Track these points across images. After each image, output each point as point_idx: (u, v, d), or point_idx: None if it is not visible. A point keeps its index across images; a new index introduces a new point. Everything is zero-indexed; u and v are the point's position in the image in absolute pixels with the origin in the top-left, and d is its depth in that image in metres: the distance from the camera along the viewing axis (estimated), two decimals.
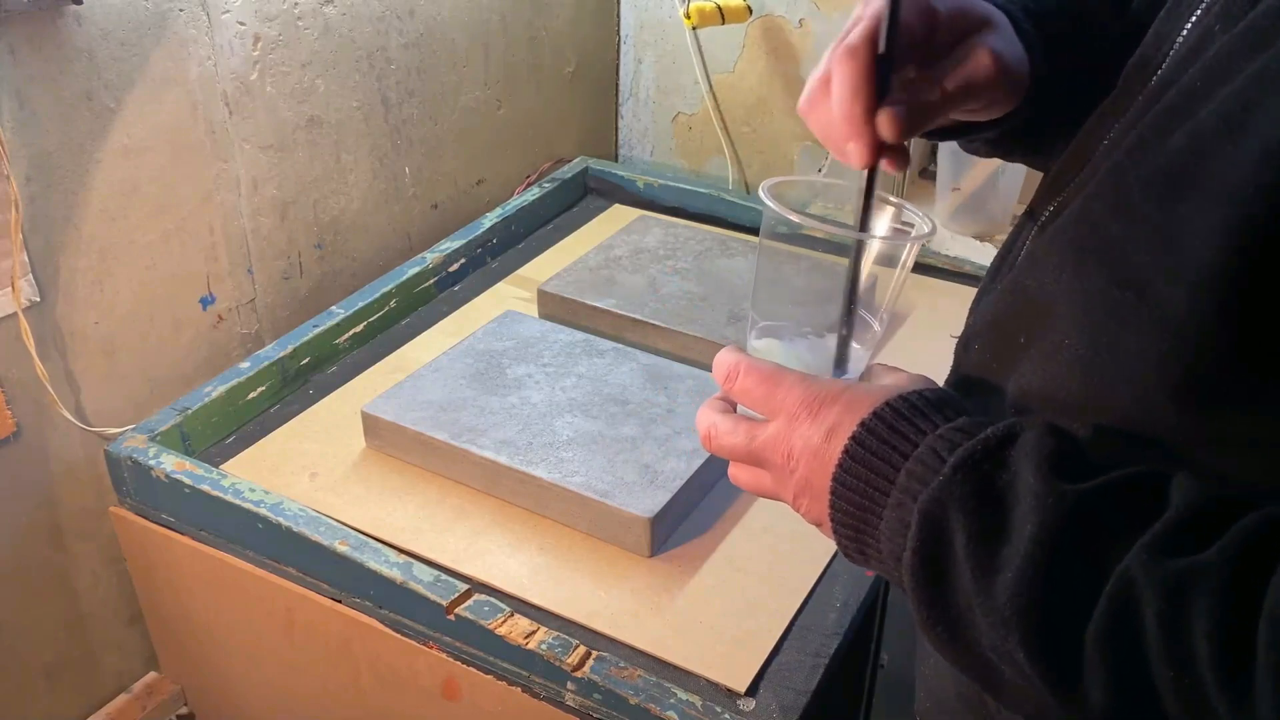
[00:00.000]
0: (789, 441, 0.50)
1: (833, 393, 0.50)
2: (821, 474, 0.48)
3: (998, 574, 0.41)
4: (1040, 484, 0.41)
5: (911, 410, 0.47)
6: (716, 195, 1.38)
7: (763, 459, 0.51)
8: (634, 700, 0.72)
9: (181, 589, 0.97)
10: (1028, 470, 0.42)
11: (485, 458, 0.89)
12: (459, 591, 0.79)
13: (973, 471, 0.43)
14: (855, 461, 0.47)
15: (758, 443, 0.51)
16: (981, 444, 0.43)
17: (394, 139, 1.27)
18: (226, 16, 1.03)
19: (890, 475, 0.45)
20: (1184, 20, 0.47)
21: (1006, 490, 0.42)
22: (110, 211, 0.97)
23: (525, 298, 1.21)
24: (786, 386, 0.51)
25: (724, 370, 0.53)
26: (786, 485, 0.51)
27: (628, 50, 1.63)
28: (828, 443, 0.48)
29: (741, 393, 0.53)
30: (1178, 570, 0.37)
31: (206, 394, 0.99)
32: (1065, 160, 0.53)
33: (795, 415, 0.50)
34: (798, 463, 0.49)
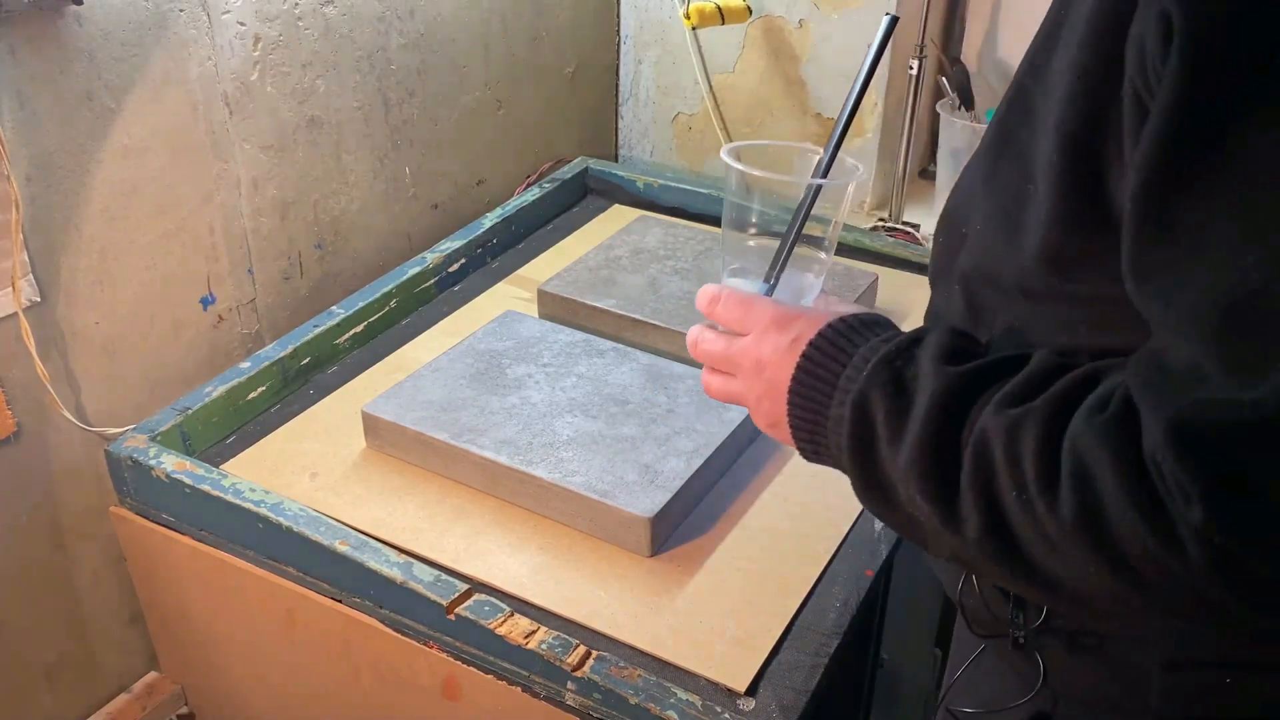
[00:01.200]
0: (759, 349, 0.60)
1: (796, 312, 0.61)
2: (784, 376, 0.59)
3: (901, 441, 0.52)
4: (932, 368, 0.52)
5: (850, 329, 0.58)
6: (716, 195, 1.38)
7: (736, 364, 0.62)
8: (634, 700, 0.72)
9: (181, 589, 0.97)
10: (926, 361, 0.53)
11: (485, 458, 0.89)
12: (459, 591, 0.79)
13: (886, 367, 0.54)
14: (811, 363, 0.58)
15: (734, 348, 0.62)
16: (895, 346, 0.55)
17: (394, 139, 1.27)
18: (227, 17, 1.03)
19: (833, 379, 0.56)
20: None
21: (910, 379, 0.53)
22: (111, 211, 0.97)
23: (525, 298, 1.21)
24: (759, 307, 0.62)
25: (707, 297, 0.65)
26: (753, 387, 0.61)
27: (628, 50, 1.63)
28: (790, 350, 0.59)
29: (723, 313, 0.63)
30: (1014, 415, 0.48)
31: (207, 394, 0.99)
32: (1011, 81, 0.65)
33: (766, 329, 0.61)
34: (764, 366, 0.60)
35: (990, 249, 0.57)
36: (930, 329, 0.56)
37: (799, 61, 1.50)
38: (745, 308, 0.62)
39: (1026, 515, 0.47)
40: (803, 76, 1.50)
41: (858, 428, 0.54)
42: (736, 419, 0.94)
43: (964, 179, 0.62)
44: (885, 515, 0.56)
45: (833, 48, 1.46)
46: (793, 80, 1.51)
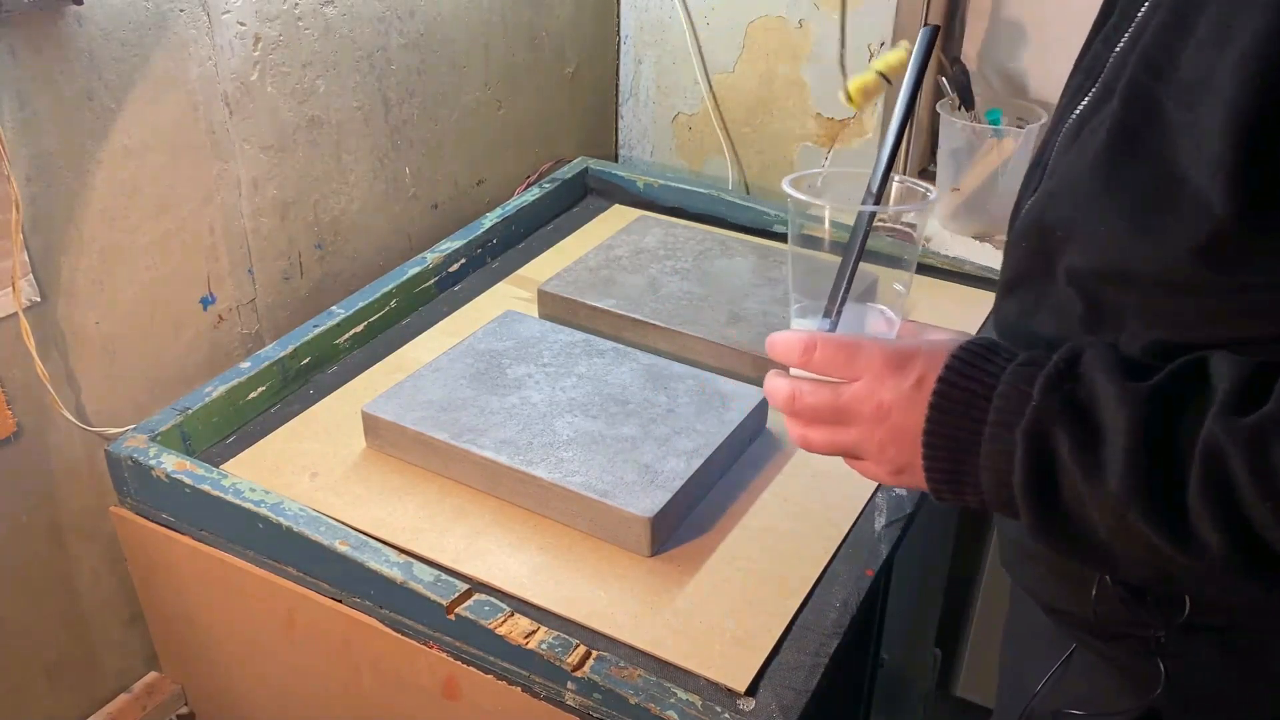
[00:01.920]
0: (878, 395, 0.57)
1: (912, 348, 0.57)
2: (914, 419, 0.55)
3: (1104, 468, 0.49)
4: (1116, 387, 0.50)
5: (978, 356, 0.55)
6: (716, 195, 1.38)
7: (850, 413, 0.58)
8: (634, 700, 0.72)
9: (182, 589, 0.97)
10: (1101, 379, 0.50)
11: (485, 458, 0.89)
12: (459, 591, 0.79)
13: (1056, 392, 0.51)
14: (947, 401, 0.54)
15: (845, 398, 0.58)
16: (1055, 370, 0.52)
17: (394, 139, 1.27)
18: (227, 17, 1.03)
19: (979, 414, 0.53)
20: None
21: (1090, 400, 0.50)
22: (111, 211, 0.97)
23: (525, 298, 1.21)
24: (868, 349, 0.58)
25: (799, 346, 0.60)
26: (873, 435, 0.58)
27: (628, 50, 1.63)
28: (918, 390, 0.55)
29: (823, 361, 0.59)
30: (1250, 424, 0.46)
31: (207, 394, 0.99)
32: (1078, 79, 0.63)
33: (881, 373, 0.57)
34: (888, 412, 0.56)
35: (1120, 246, 0.55)
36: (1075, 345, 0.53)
37: (799, 61, 1.50)
38: (851, 352, 0.58)
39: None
40: (803, 76, 1.50)
41: (1036, 462, 0.51)
42: (737, 419, 0.94)
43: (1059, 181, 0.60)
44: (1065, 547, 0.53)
45: (833, 48, 1.46)
46: (793, 80, 1.51)
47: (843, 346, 0.59)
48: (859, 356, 0.58)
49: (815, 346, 0.59)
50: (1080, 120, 0.60)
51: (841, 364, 0.59)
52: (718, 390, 0.98)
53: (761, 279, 1.16)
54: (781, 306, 1.10)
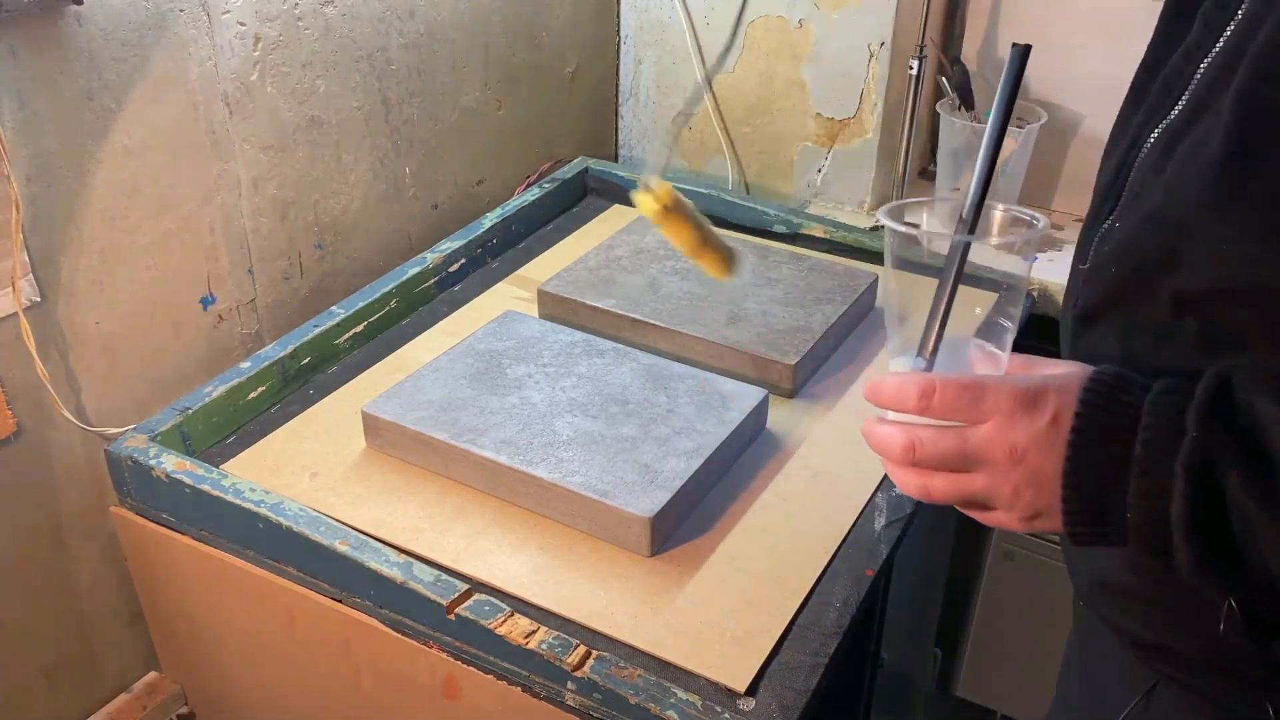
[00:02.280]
0: (1010, 437, 0.53)
1: (1040, 385, 0.53)
2: (1053, 460, 0.52)
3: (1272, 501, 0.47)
4: None
5: (1114, 388, 0.52)
6: (716, 195, 1.38)
7: (980, 458, 0.54)
8: (634, 700, 0.72)
9: (181, 589, 0.97)
10: (1264, 404, 0.48)
11: (485, 458, 0.89)
12: (459, 591, 0.79)
13: (1217, 419, 0.48)
14: (1088, 438, 0.51)
15: (973, 443, 0.54)
16: (1206, 395, 0.49)
17: (394, 139, 1.27)
18: (227, 17, 1.03)
19: (1125, 449, 0.50)
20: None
21: (1253, 428, 0.48)
22: (110, 211, 0.97)
23: (525, 298, 1.21)
24: (993, 389, 0.54)
25: (915, 391, 0.55)
26: (1007, 479, 0.54)
27: (628, 50, 1.63)
28: (1054, 428, 0.52)
29: (943, 406, 0.54)
30: None
31: (207, 394, 0.99)
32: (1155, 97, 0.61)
33: (1012, 412, 0.53)
34: (1024, 454, 0.53)
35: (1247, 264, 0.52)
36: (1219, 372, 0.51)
37: (799, 61, 1.50)
38: (977, 393, 0.54)
39: None
40: (803, 76, 1.50)
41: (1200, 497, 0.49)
42: (737, 419, 0.94)
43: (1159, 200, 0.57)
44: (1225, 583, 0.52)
45: (833, 48, 1.46)
46: (793, 80, 1.51)
47: (966, 388, 0.54)
48: (985, 397, 0.54)
49: (935, 390, 0.54)
50: (1169, 137, 0.58)
51: (966, 406, 0.54)
52: (718, 390, 0.98)
53: (761, 279, 1.16)
54: (781, 306, 1.10)
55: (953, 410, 0.54)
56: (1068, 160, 1.53)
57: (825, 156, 1.55)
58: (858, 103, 1.48)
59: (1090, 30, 1.45)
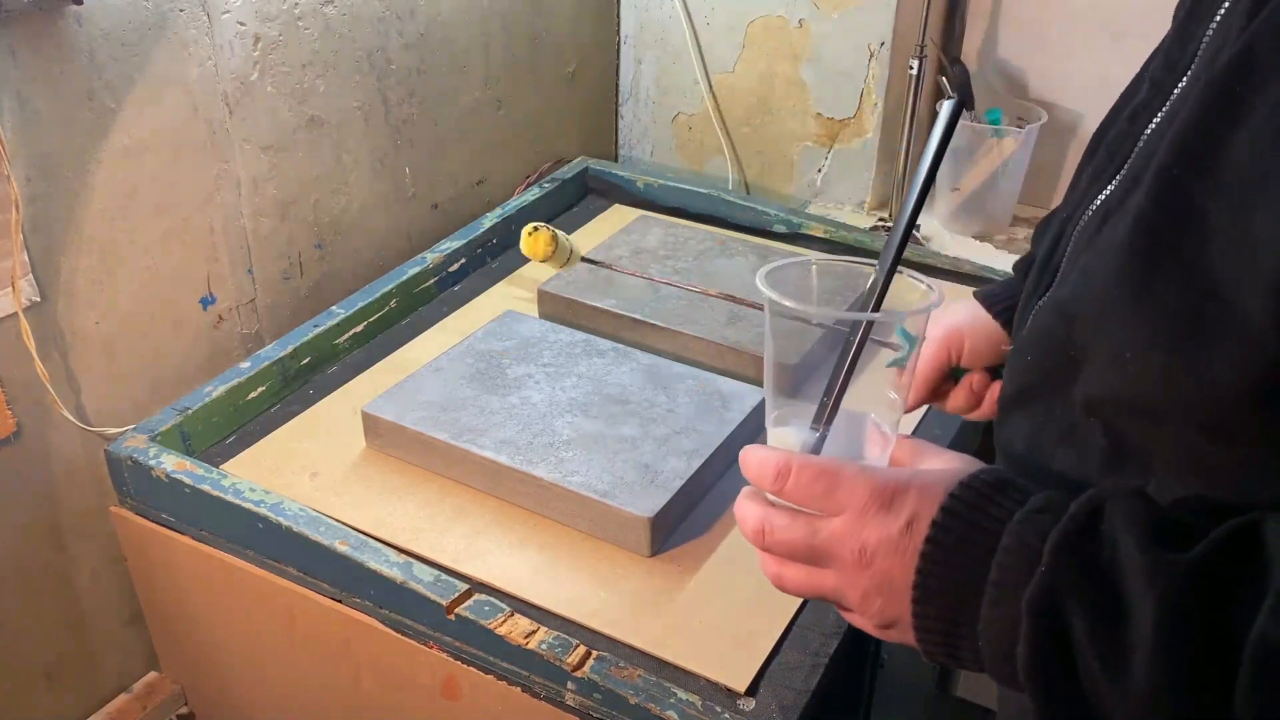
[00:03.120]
0: (860, 536, 0.48)
1: (902, 482, 0.48)
2: (903, 569, 0.46)
3: (1129, 657, 0.41)
4: (1146, 558, 0.41)
5: (981, 497, 0.46)
6: (716, 195, 1.38)
7: (828, 555, 0.49)
8: (634, 700, 0.72)
9: (181, 589, 0.97)
10: (1128, 544, 0.42)
11: (485, 458, 0.89)
12: (459, 591, 0.79)
13: (1074, 556, 0.42)
14: (942, 551, 0.46)
15: (822, 537, 0.49)
16: (1071, 523, 0.43)
17: (394, 139, 1.27)
18: (226, 17, 1.03)
19: (980, 571, 0.44)
20: (1208, 21, 0.48)
21: (1111, 568, 0.42)
22: (110, 211, 0.97)
23: (525, 298, 1.21)
24: (850, 479, 0.48)
25: (773, 469, 0.51)
26: (856, 583, 0.48)
27: (628, 50, 1.63)
28: (908, 534, 0.46)
29: (796, 489, 0.50)
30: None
31: (207, 394, 0.99)
32: (1099, 162, 0.54)
33: (865, 509, 0.48)
34: (872, 557, 0.47)
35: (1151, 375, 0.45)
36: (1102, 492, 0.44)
37: (799, 61, 1.50)
38: (831, 482, 0.49)
39: None
40: (802, 77, 1.50)
41: (1044, 639, 0.43)
42: (737, 419, 0.94)
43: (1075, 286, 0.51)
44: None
45: (833, 48, 1.46)
46: (793, 80, 1.51)
47: (822, 474, 0.49)
48: (840, 487, 0.48)
49: (790, 472, 0.50)
50: (1103, 212, 0.51)
51: (820, 495, 0.49)
52: (718, 390, 0.98)
53: None
54: None
55: (807, 497, 0.50)
56: (1068, 160, 1.53)
57: (825, 156, 1.55)
58: (858, 103, 1.48)
59: (1090, 30, 1.45)
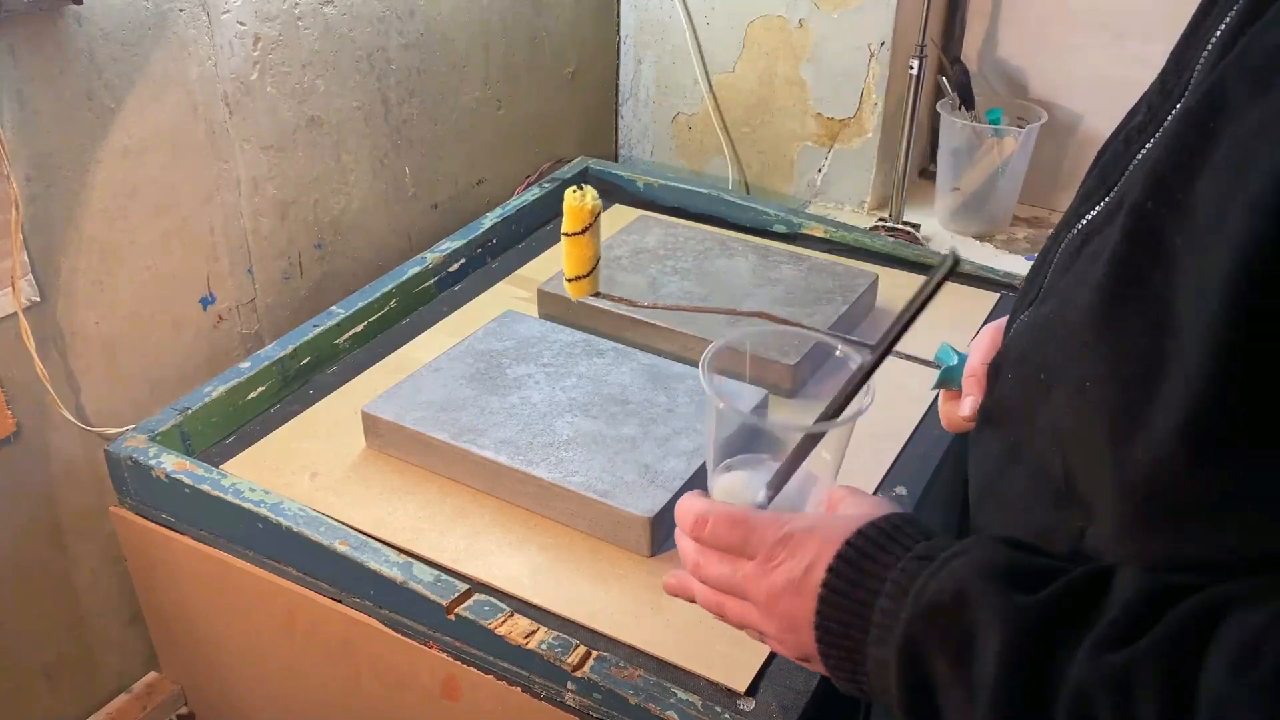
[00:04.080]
0: (769, 579, 0.52)
1: (806, 528, 0.52)
2: (804, 609, 0.50)
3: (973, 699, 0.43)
4: (997, 602, 0.43)
5: (874, 546, 0.49)
6: (716, 195, 1.38)
7: (745, 595, 0.53)
8: (634, 700, 0.72)
9: (181, 589, 0.97)
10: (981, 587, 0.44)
11: (485, 458, 0.89)
12: (459, 591, 0.79)
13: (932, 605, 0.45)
14: (836, 594, 0.49)
15: (738, 578, 0.53)
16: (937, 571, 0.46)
17: (394, 139, 1.27)
18: (226, 16, 1.03)
19: (866, 613, 0.48)
20: (1201, 49, 0.47)
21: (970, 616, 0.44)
22: (110, 211, 0.97)
23: (525, 298, 1.21)
24: (760, 530, 0.53)
25: (690, 519, 0.55)
26: (770, 620, 0.53)
27: (628, 50, 1.63)
28: (807, 577, 0.50)
29: (713, 538, 0.54)
30: (1119, 665, 0.39)
31: (207, 394, 0.99)
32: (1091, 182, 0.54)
33: (770, 555, 0.52)
34: (778, 599, 0.51)
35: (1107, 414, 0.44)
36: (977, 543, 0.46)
37: (799, 61, 1.50)
38: (743, 531, 0.53)
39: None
40: (802, 76, 1.50)
41: (910, 678, 0.46)
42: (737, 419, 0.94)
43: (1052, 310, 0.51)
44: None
45: (833, 48, 1.46)
46: (793, 80, 1.51)
47: (735, 524, 0.54)
48: (751, 538, 0.53)
49: (707, 522, 0.54)
50: (1085, 234, 0.51)
51: (736, 543, 0.54)
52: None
53: (762, 279, 1.16)
54: (781, 307, 1.10)
55: (723, 544, 0.54)
56: (1068, 160, 1.53)
57: (825, 156, 1.55)
58: (858, 103, 1.48)
59: (1090, 30, 1.45)
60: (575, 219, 0.96)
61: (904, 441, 0.98)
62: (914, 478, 0.94)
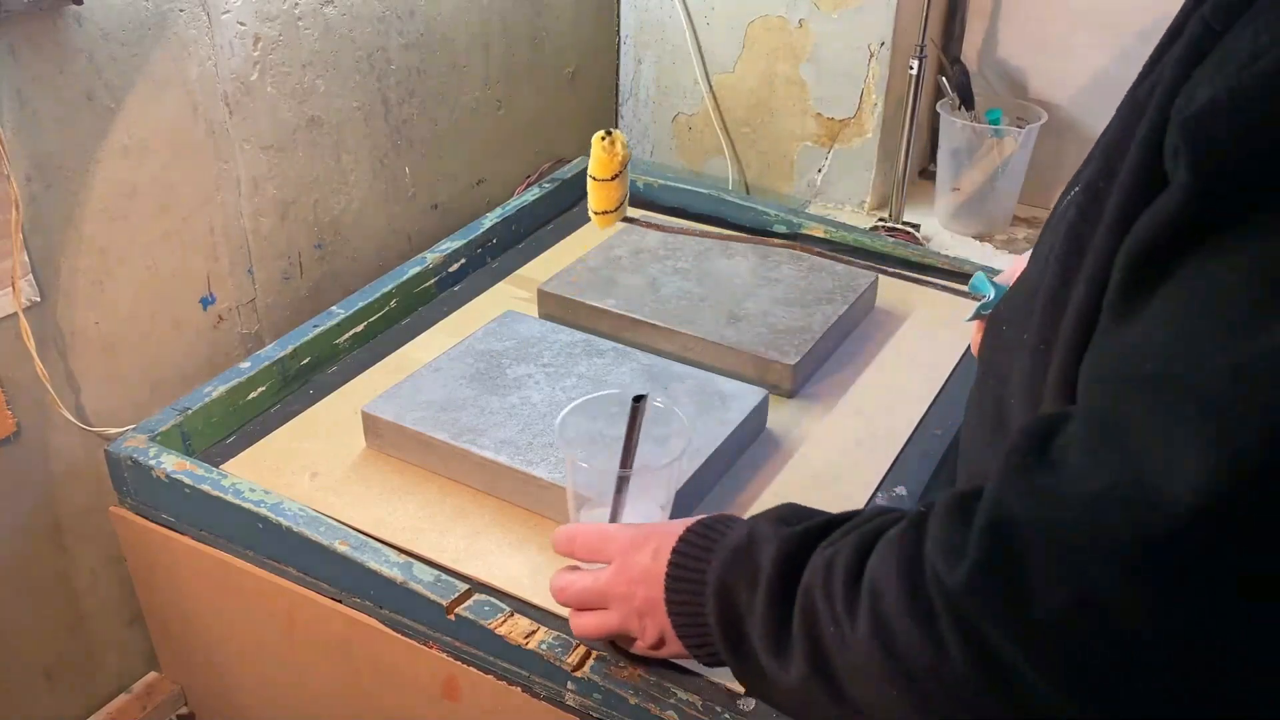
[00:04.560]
0: (626, 572, 0.63)
1: (650, 528, 0.63)
2: (656, 590, 0.60)
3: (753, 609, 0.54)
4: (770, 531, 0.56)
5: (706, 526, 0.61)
6: (716, 195, 1.38)
7: (607, 595, 0.64)
8: (634, 700, 0.72)
9: (181, 589, 0.97)
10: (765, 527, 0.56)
11: (485, 458, 0.89)
12: (459, 591, 0.79)
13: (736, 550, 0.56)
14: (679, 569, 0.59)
15: (601, 581, 0.64)
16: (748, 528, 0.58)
17: (394, 139, 1.27)
18: (227, 16, 1.03)
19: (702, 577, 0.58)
20: None
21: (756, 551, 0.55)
22: (110, 211, 0.97)
23: (525, 298, 1.21)
24: (616, 533, 0.65)
25: (562, 539, 0.68)
26: (630, 612, 0.63)
27: (628, 50, 1.63)
28: (655, 562, 0.61)
29: (582, 548, 0.66)
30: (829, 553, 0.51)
31: (207, 394, 0.99)
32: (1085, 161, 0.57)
33: (626, 551, 0.63)
34: (636, 586, 0.62)
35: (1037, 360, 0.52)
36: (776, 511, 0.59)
37: (799, 61, 1.50)
38: (602, 538, 0.65)
39: (840, 646, 0.48)
40: (802, 76, 1.50)
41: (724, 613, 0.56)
42: (737, 419, 0.94)
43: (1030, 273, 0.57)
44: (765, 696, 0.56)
45: (833, 48, 1.46)
46: (793, 80, 1.51)
47: (596, 535, 0.66)
48: (610, 543, 0.64)
49: (574, 537, 0.67)
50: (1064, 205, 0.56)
51: (597, 549, 0.65)
52: (718, 390, 0.98)
53: (762, 279, 1.16)
54: (781, 306, 1.10)
55: (588, 552, 0.66)
56: (1068, 160, 1.53)
57: (825, 156, 1.55)
58: (858, 103, 1.48)
59: (1090, 30, 1.45)
60: (604, 167, 0.97)
61: (904, 441, 0.98)
62: (914, 478, 0.94)
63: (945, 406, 1.03)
